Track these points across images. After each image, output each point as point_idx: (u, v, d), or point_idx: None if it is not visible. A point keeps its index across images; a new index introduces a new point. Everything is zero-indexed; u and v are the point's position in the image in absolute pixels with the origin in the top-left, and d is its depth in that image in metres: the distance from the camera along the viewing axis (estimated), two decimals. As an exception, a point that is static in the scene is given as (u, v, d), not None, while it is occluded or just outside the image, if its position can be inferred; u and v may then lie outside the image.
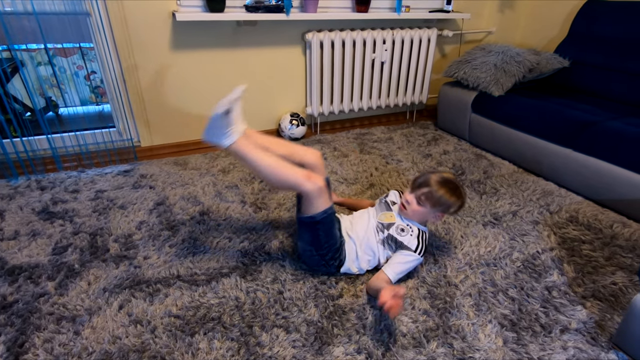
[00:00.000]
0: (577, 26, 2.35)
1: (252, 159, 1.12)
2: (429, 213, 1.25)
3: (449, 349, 1.03)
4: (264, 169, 1.12)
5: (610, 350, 1.03)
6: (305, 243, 1.24)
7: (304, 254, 1.28)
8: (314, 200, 1.14)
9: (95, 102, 3.00)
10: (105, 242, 1.40)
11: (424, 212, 1.24)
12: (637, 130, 1.62)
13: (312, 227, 1.18)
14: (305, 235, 1.22)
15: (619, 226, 1.56)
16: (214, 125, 1.10)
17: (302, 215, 1.20)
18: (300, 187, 1.12)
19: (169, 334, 1.04)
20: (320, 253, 1.22)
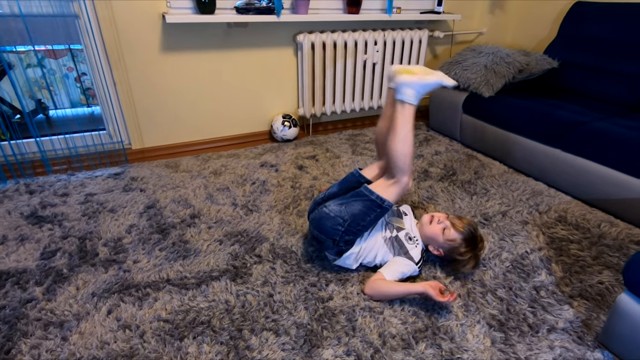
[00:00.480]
0: (565, 27, 2.38)
1: (409, 127, 1.22)
2: (439, 243, 1.30)
3: (438, 349, 1.03)
4: (408, 141, 1.21)
5: (596, 349, 1.04)
6: (345, 211, 1.20)
7: (328, 218, 1.21)
8: (394, 189, 1.21)
9: (86, 104, 2.98)
10: (95, 246, 1.40)
11: (437, 238, 1.29)
12: (623, 130, 1.64)
13: (372, 206, 1.20)
14: (356, 206, 1.20)
15: (607, 225, 1.58)
16: (428, 88, 1.23)
17: (373, 191, 1.20)
18: (404, 174, 1.21)
19: (158, 338, 1.04)
20: (349, 229, 1.20)
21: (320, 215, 1.24)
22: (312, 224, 1.28)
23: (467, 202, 1.75)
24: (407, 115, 1.22)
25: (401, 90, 1.22)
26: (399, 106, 1.23)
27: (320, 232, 1.24)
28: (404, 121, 1.22)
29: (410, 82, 1.21)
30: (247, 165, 2.06)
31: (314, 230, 1.27)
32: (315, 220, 1.25)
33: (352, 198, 1.23)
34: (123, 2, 1.81)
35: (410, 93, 1.22)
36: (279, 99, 2.40)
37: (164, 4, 1.89)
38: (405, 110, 1.22)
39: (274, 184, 1.87)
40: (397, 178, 1.22)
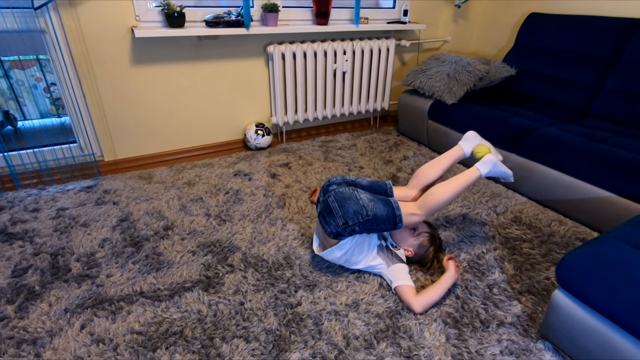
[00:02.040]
0: (522, 37, 2.52)
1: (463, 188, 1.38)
2: (409, 243, 1.43)
3: (397, 348, 1.12)
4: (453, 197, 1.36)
5: (539, 340, 1.15)
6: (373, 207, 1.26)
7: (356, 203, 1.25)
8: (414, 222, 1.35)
9: (56, 114, 2.94)
10: (67, 262, 1.41)
11: (408, 239, 1.43)
12: (571, 135, 1.78)
13: (392, 218, 1.29)
14: (382, 210, 1.27)
15: (556, 224, 1.71)
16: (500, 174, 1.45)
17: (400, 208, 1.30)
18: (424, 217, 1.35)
19: (131, 350, 1.08)
20: (364, 223, 1.25)
21: (350, 195, 1.27)
22: (335, 196, 1.27)
23: (431, 205, 1.85)
24: (471, 181, 1.39)
25: (486, 162, 1.42)
26: (472, 172, 1.40)
27: (340, 209, 1.24)
28: (466, 183, 1.37)
29: (497, 163, 1.43)
30: (221, 174, 2.10)
31: (333, 203, 1.26)
32: (342, 196, 1.26)
33: (381, 202, 1.29)
34: (91, 16, 1.82)
35: (489, 168, 1.42)
36: (252, 108, 2.45)
37: (132, 17, 1.91)
38: (473, 176, 1.39)
39: (247, 193, 1.92)
40: (421, 212, 1.34)
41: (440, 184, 1.37)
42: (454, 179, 1.37)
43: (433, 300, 1.26)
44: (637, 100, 1.95)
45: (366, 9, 2.59)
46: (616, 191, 1.56)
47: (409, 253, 1.41)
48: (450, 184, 1.36)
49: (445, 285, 1.29)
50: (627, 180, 1.53)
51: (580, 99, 2.16)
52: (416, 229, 1.44)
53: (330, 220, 1.25)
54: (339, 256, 1.34)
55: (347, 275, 1.39)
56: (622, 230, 1.07)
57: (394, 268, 1.34)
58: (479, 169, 1.40)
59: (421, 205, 1.34)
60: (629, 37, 2.04)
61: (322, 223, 1.28)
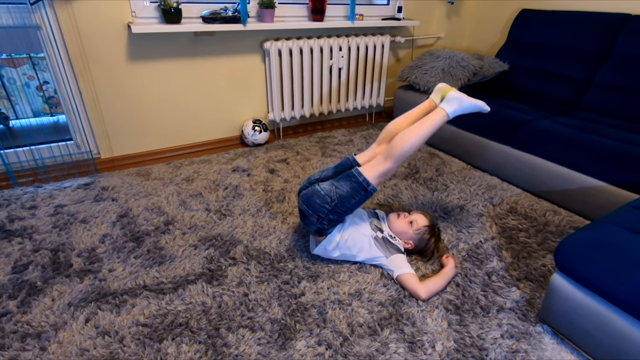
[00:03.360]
0: (513, 33, 2.57)
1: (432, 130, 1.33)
2: (409, 235, 1.43)
3: (401, 334, 1.14)
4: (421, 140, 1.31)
5: (537, 324, 1.18)
6: (334, 192, 1.27)
7: (319, 196, 1.27)
8: (381, 174, 1.29)
9: (50, 113, 2.91)
10: (68, 258, 1.41)
11: (407, 231, 1.43)
12: (563, 128, 1.82)
13: (359, 189, 1.27)
14: (345, 187, 1.27)
15: (551, 214, 1.75)
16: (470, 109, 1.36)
17: (362, 173, 1.28)
18: (396, 162, 1.29)
19: (137, 342, 1.08)
20: (334, 209, 1.27)
21: (312, 192, 1.30)
22: (302, 199, 1.32)
23: (428, 197, 1.88)
24: (439, 122, 1.33)
25: (449, 101, 1.36)
26: (437, 113, 1.35)
27: (308, 208, 1.29)
28: (433, 125, 1.32)
29: (460, 97, 1.35)
30: (219, 170, 2.11)
31: (302, 205, 1.31)
32: (306, 196, 1.30)
33: (342, 179, 1.30)
34: (86, 12, 1.81)
35: (455, 107, 1.35)
36: (248, 104, 2.46)
37: (129, 13, 1.91)
38: (440, 118, 1.34)
39: (247, 188, 1.93)
40: (389, 162, 1.28)
41: (405, 130, 1.32)
42: (419, 123, 1.33)
43: (437, 288, 1.28)
44: (627, 93, 2.00)
45: (361, 5, 2.61)
46: (607, 180, 1.60)
47: (409, 245, 1.43)
48: (416, 128, 1.31)
49: (447, 277, 1.32)
50: (618, 170, 1.57)
51: (572, 93, 2.21)
52: (414, 222, 1.43)
53: (307, 221, 1.32)
54: (333, 249, 1.37)
55: (349, 266, 1.41)
56: (617, 215, 1.10)
57: (393, 258, 1.36)
58: (444, 108, 1.34)
59: (388, 155, 1.29)
60: (618, 31, 2.09)
61: (305, 226, 1.35)
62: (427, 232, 1.43)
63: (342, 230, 1.36)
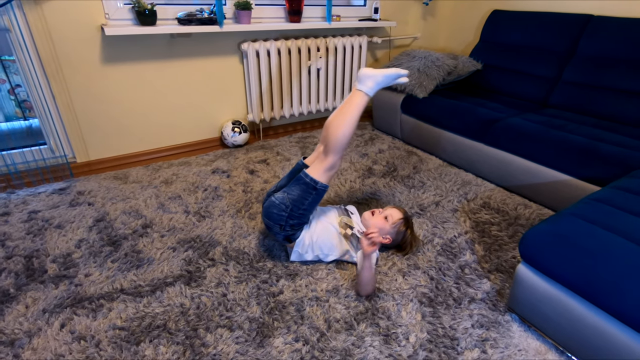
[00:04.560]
0: (486, 33, 2.65)
1: (356, 114, 1.33)
2: (385, 230, 1.44)
3: (376, 328, 1.17)
4: (350, 126, 1.31)
5: (506, 313, 1.24)
6: (287, 198, 1.31)
7: (274, 206, 1.31)
8: (325, 170, 1.31)
9: (23, 117, 2.83)
10: (43, 264, 1.39)
11: (383, 226, 1.44)
12: (532, 124, 1.90)
13: (308, 189, 1.31)
14: (295, 191, 1.31)
15: (522, 207, 1.82)
16: (387, 79, 1.35)
17: (308, 174, 1.31)
18: (335, 155, 1.30)
19: (114, 345, 1.08)
20: (292, 214, 1.32)
21: (269, 204, 1.34)
22: (263, 213, 1.37)
23: (405, 195, 1.92)
24: (360, 103, 1.34)
25: (363, 81, 1.36)
26: (355, 95, 1.35)
27: (269, 220, 1.34)
28: (356, 108, 1.33)
29: (372, 74, 1.35)
30: (199, 172, 2.10)
31: (264, 219, 1.37)
32: (265, 210, 1.35)
33: (293, 184, 1.34)
34: (57, 15, 1.78)
35: (370, 84, 1.35)
36: (228, 105, 2.46)
37: (102, 15, 1.88)
38: (360, 99, 1.34)
39: (226, 190, 1.93)
40: (329, 157, 1.31)
41: (333, 121, 1.33)
42: (343, 110, 1.33)
43: (365, 282, 1.25)
44: (591, 90, 2.09)
45: (338, 6, 2.64)
46: (573, 174, 1.68)
47: (387, 240, 1.46)
48: (342, 117, 1.32)
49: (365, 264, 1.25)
50: (582, 164, 1.65)
51: (541, 91, 2.30)
52: (389, 217, 1.46)
53: (273, 232, 1.38)
54: (306, 252, 1.40)
55: (327, 264, 1.43)
56: (577, 207, 1.16)
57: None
58: (360, 89, 1.35)
59: (326, 150, 1.32)
60: (581, 31, 2.19)
61: (274, 238, 1.41)
62: (402, 225, 1.46)
63: (309, 231, 1.39)
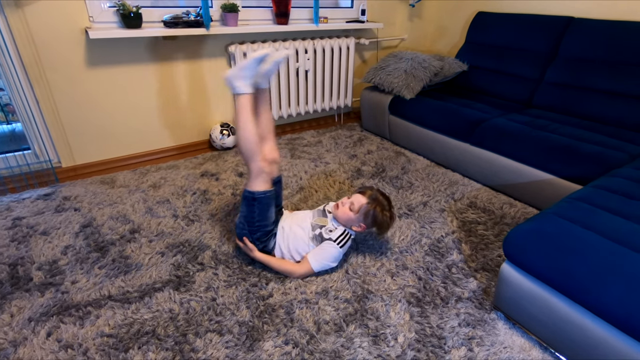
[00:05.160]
0: (471, 35, 2.69)
1: (241, 117, 1.29)
2: (354, 219, 1.40)
3: (365, 329, 1.19)
4: (242, 130, 1.30)
5: (492, 311, 1.26)
6: (241, 216, 1.39)
7: (237, 227, 1.41)
8: (254, 178, 1.33)
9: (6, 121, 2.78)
10: (28, 272, 1.37)
11: (350, 216, 1.40)
12: (515, 124, 1.94)
13: (250, 203, 1.34)
14: (243, 208, 1.37)
15: (507, 206, 1.85)
16: (245, 68, 1.28)
17: (245, 189, 1.35)
18: (251, 161, 1.31)
19: (102, 353, 1.08)
20: (251, 229, 1.37)
21: (236, 229, 1.44)
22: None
23: (394, 195, 1.94)
24: (239, 107, 1.30)
25: (228, 79, 1.30)
26: (235, 100, 1.32)
27: (240, 240, 1.42)
28: (238, 113, 1.30)
29: (229, 73, 1.29)
30: (187, 176, 2.09)
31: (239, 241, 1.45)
32: (236, 235, 1.44)
33: (241, 204, 1.39)
34: (40, 18, 1.76)
35: (237, 83, 1.29)
36: (215, 108, 2.45)
37: (86, 18, 1.86)
38: (238, 102, 1.30)
39: (215, 193, 1.93)
40: (248, 165, 1.33)
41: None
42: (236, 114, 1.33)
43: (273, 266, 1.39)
44: (573, 91, 2.14)
45: (325, 8, 2.65)
46: (556, 173, 1.72)
47: (361, 229, 1.41)
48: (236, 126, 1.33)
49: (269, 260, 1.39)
50: (564, 164, 1.69)
51: (525, 91, 2.34)
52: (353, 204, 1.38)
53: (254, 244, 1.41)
54: (287, 256, 1.43)
55: (317, 266, 1.44)
56: (559, 206, 1.19)
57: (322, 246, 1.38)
58: (233, 90, 1.31)
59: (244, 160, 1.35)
60: (563, 33, 2.24)
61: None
62: (370, 206, 1.38)
63: (282, 238, 1.42)
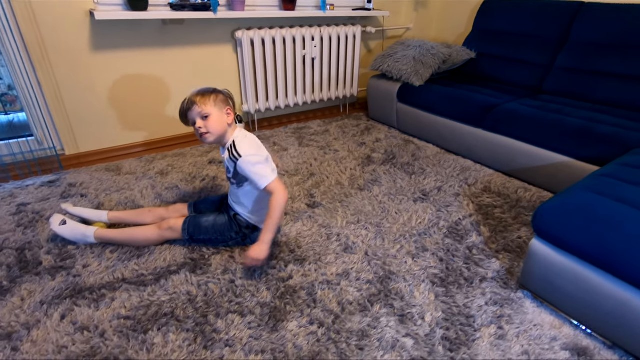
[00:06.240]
0: (479, 22, 2.67)
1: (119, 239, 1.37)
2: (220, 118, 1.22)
3: (391, 309, 1.15)
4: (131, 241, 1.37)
5: (518, 290, 1.23)
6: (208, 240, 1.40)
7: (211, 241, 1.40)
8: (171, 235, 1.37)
9: (4, 111, 2.71)
10: (36, 256, 1.32)
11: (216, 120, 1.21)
12: (529, 109, 1.92)
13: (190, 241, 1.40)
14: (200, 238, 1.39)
15: (522, 191, 1.83)
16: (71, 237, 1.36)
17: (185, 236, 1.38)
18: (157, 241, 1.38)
19: (120, 334, 1.03)
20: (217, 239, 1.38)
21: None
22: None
23: (407, 181, 1.92)
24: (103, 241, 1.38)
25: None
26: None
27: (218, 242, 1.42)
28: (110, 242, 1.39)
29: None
30: (195, 163, 2.05)
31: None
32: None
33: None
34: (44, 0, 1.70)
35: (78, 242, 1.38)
36: (221, 96, 2.40)
37: (90, 0, 1.81)
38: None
39: (224, 179, 1.88)
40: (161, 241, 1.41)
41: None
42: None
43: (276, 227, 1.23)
44: (584, 76, 2.13)
45: (332, -5, 2.62)
46: (571, 155, 1.70)
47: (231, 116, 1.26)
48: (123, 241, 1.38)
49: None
50: (580, 145, 1.67)
51: (535, 77, 2.33)
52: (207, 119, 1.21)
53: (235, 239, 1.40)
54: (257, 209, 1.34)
55: (335, 248, 1.41)
56: (585, 182, 1.17)
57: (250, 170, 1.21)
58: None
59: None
60: (574, 17, 2.22)
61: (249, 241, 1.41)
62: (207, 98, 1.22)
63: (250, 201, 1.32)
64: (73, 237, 1.35)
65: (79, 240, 1.36)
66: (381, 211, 1.65)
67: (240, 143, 1.24)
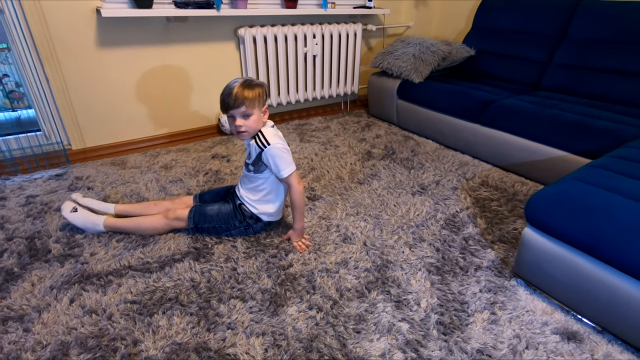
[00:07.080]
0: (478, 20, 2.70)
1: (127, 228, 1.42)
2: (258, 118, 1.27)
3: (387, 295, 1.19)
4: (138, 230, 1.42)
5: (512, 278, 1.27)
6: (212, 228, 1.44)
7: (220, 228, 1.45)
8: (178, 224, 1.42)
9: (11, 108, 2.76)
10: (46, 244, 1.36)
11: (255, 120, 1.26)
12: (526, 104, 1.95)
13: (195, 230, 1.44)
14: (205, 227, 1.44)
15: (519, 185, 1.86)
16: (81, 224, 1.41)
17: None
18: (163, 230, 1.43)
19: (127, 317, 1.07)
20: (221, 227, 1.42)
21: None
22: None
23: (406, 175, 1.95)
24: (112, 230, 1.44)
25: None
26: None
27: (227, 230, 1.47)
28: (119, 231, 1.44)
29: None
30: (198, 158, 2.09)
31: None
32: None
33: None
34: (52, -4, 1.75)
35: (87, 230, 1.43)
36: (224, 92, 2.44)
37: (97, -2, 1.85)
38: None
39: (227, 173, 1.92)
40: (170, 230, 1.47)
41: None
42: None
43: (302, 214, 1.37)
44: (582, 72, 2.15)
45: (333, -6, 2.65)
46: (568, 149, 1.73)
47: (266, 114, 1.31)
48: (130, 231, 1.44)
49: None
50: (576, 139, 1.70)
51: (533, 74, 2.36)
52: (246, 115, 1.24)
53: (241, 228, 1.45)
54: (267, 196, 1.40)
55: (334, 239, 1.45)
56: (578, 172, 1.20)
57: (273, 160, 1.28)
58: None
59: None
60: (572, 14, 2.25)
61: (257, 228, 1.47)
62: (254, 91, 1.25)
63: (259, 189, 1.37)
64: (83, 225, 1.40)
65: (89, 228, 1.40)
66: (380, 204, 1.69)
67: (268, 132, 1.30)
